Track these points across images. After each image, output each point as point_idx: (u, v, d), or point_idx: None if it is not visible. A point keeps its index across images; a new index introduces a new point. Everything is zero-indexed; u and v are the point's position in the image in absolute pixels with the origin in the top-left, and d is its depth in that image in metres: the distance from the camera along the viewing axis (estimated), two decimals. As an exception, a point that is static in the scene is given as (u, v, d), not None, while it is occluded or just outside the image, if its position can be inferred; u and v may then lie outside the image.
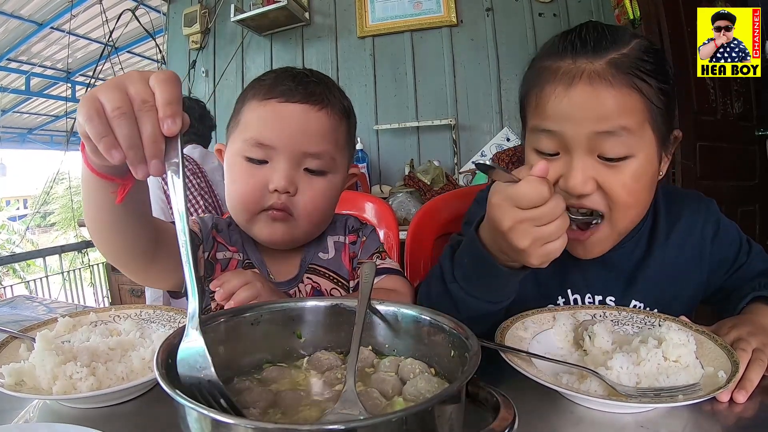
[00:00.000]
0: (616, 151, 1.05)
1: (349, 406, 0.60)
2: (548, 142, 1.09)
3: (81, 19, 6.37)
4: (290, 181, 1.21)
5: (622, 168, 1.06)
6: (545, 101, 1.08)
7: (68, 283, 5.21)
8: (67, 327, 1.09)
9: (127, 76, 0.71)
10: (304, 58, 4.52)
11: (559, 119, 1.06)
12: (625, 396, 0.80)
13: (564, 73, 1.06)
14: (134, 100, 0.69)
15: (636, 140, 1.05)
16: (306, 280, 1.36)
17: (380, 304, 0.81)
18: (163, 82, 0.70)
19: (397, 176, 4.23)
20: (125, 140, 0.69)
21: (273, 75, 1.29)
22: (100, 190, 0.89)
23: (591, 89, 1.03)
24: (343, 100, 1.33)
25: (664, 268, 1.26)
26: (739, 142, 3.76)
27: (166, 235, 1.09)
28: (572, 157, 1.06)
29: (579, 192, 1.05)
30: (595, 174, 1.05)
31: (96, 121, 0.68)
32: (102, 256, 1.07)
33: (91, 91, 0.71)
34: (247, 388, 0.71)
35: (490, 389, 0.59)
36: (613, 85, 1.03)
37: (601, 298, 1.26)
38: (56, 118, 10.36)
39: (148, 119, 0.69)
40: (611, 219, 1.10)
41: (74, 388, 0.84)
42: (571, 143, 1.05)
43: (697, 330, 0.96)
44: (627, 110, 1.04)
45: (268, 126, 1.22)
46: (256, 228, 1.27)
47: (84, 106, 0.69)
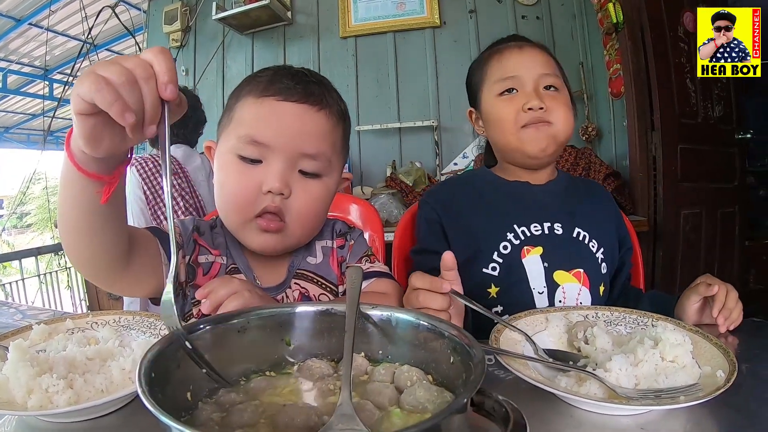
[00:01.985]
0: (554, 83, 1.52)
1: (346, 421, 0.57)
2: (509, 83, 1.51)
3: (60, 15, 6.27)
4: (285, 183, 1.17)
5: (558, 96, 1.51)
6: (506, 58, 1.55)
7: (45, 285, 5.13)
8: (43, 335, 1.04)
9: (117, 57, 0.75)
10: (286, 58, 4.48)
11: (517, 66, 1.52)
12: (625, 398, 0.79)
13: (515, 45, 1.57)
14: (134, 70, 0.71)
15: (562, 85, 1.54)
16: (294, 285, 1.32)
17: (372, 309, 0.79)
18: (159, 53, 0.74)
19: (378, 177, 4.21)
20: (135, 104, 0.71)
21: (270, 72, 1.25)
22: (83, 189, 0.86)
23: (533, 50, 1.55)
24: (340, 103, 1.30)
25: (593, 206, 1.61)
26: (719, 145, 3.81)
27: (140, 241, 1.06)
28: (528, 90, 1.50)
29: (538, 106, 1.46)
30: (544, 98, 1.48)
31: (106, 90, 0.69)
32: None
33: (89, 69, 0.71)
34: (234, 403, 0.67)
35: (497, 398, 0.58)
36: (545, 51, 1.57)
37: (549, 225, 1.51)
38: (33, 117, 10.18)
39: (150, 87, 0.72)
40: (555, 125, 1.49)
41: (51, 402, 0.80)
42: (527, 80, 1.50)
43: (690, 330, 0.97)
44: (552, 65, 1.55)
45: (264, 123, 1.18)
46: (246, 236, 1.23)
47: (88, 79, 0.69)
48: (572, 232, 1.50)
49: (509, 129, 1.50)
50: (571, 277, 1.44)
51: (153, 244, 1.13)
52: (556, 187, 1.60)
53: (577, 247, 1.49)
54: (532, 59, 1.53)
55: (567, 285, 1.43)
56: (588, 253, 1.49)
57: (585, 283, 1.44)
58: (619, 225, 1.64)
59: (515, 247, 1.47)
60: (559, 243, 1.48)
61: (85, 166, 0.81)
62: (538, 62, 1.52)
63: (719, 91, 3.82)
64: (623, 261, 1.61)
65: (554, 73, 1.53)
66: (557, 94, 1.51)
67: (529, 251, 1.45)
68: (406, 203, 3.55)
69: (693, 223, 3.54)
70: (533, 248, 1.46)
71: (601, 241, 1.51)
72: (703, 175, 3.59)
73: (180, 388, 0.66)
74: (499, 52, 1.58)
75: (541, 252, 1.45)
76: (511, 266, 1.45)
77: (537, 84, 1.49)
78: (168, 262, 1.13)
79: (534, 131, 1.48)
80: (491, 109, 1.56)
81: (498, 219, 1.52)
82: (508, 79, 1.51)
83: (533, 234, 1.48)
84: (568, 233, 1.50)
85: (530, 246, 1.46)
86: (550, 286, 1.43)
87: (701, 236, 3.62)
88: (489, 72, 1.58)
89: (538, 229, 1.49)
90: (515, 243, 1.47)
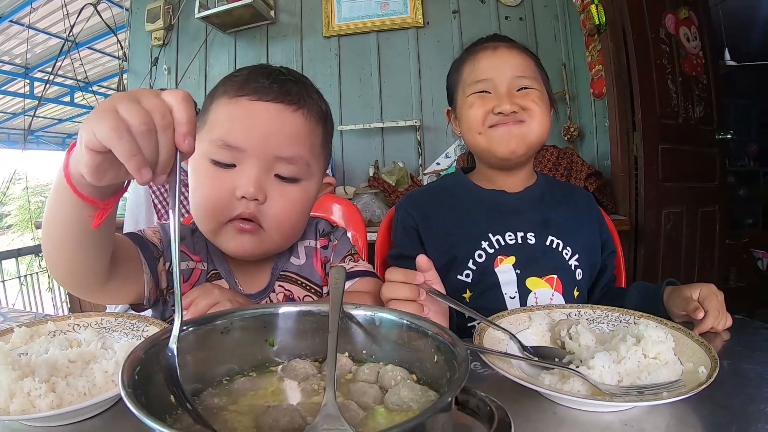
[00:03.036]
0: (530, 84, 1.50)
1: (331, 421, 0.57)
2: (482, 86, 1.51)
3: (41, 12, 6.20)
4: (259, 188, 1.11)
5: (532, 93, 1.49)
6: (480, 60, 1.54)
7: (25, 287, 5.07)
8: (24, 338, 1.02)
9: (136, 90, 0.70)
10: (269, 57, 4.45)
11: (490, 69, 1.51)
12: (609, 395, 0.80)
13: (490, 46, 1.55)
14: (153, 114, 0.68)
15: (540, 85, 1.53)
16: (278, 288, 1.29)
17: (355, 309, 0.79)
18: (183, 101, 0.70)
19: (361, 177, 4.19)
20: (150, 157, 0.68)
21: (246, 71, 1.20)
22: (76, 210, 0.84)
23: (509, 52, 1.53)
24: (320, 103, 1.25)
25: (568, 215, 1.58)
26: (700, 145, 3.85)
27: (122, 249, 1.04)
28: (500, 93, 1.49)
29: (509, 111, 1.44)
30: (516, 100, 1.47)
31: (127, 139, 0.66)
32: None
33: (107, 104, 0.68)
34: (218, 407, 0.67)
35: (481, 396, 0.58)
36: (522, 52, 1.55)
37: (522, 234, 1.51)
38: (14, 116, 10.05)
39: (167, 137, 0.69)
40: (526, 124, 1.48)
41: (33, 405, 0.78)
42: (499, 83, 1.49)
43: (672, 326, 0.98)
44: (531, 68, 1.53)
45: (237, 126, 1.12)
46: (221, 239, 1.18)
47: (108, 120, 0.66)
48: (545, 240, 1.51)
49: (477, 129, 1.51)
50: (543, 282, 1.46)
51: (134, 253, 1.11)
52: (531, 195, 1.60)
53: (550, 255, 1.50)
54: (506, 62, 1.52)
55: (539, 290, 1.45)
56: (561, 261, 1.50)
57: (558, 289, 1.46)
58: (601, 229, 1.65)
59: (489, 255, 1.48)
60: (531, 252, 1.49)
61: (82, 190, 0.79)
62: (512, 64, 1.51)
63: (700, 92, 3.86)
64: (605, 264, 1.62)
65: (530, 76, 1.52)
66: (532, 92, 1.50)
67: (502, 260, 1.47)
68: (388, 203, 3.54)
69: (674, 222, 3.58)
70: (506, 258, 1.48)
71: (576, 247, 1.52)
72: (683, 174, 3.63)
73: (164, 391, 0.64)
74: (474, 54, 1.58)
75: (514, 261, 1.47)
76: (484, 274, 1.47)
77: (510, 87, 1.49)
78: (149, 271, 1.13)
79: (503, 131, 1.48)
80: (463, 108, 1.55)
81: (473, 228, 1.52)
82: (481, 81, 1.51)
83: (507, 243, 1.49)
84: (541, 242, 1.50)
85: (503, 255, 1.48)
86: (522, 291, 1.45)
87: (682, 235, 3.65)
88: (464, 73, 1.58)
89: (512, 238, 1.50)
90: (489, 252, 1.48)
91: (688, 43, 3.82)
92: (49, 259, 0.95)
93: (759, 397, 0.83)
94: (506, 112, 1.45)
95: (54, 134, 12.66)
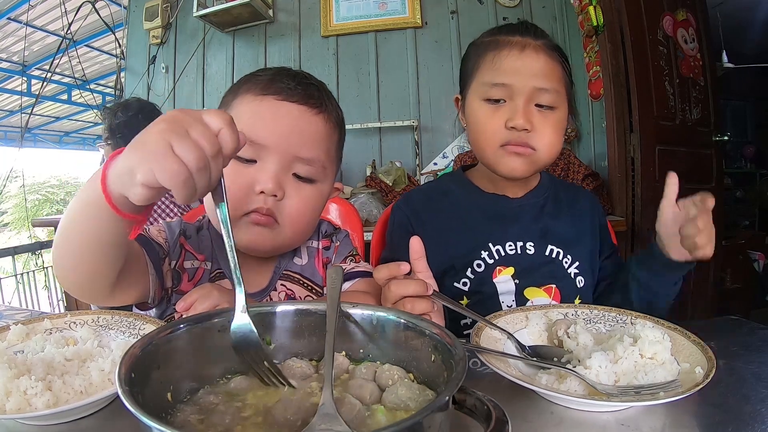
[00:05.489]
0: (549, 101, 1.38)
1: (328, 421, 0.57)
2: (499, 92, 1.39)
3: (39, 10, 6.19)
4: (278, 184, 1.14)
5: (550, 116, 1.39)
6: (502, 60, 1.39)
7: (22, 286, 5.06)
8: (20, 336, 1.02)
9: (180, 117, 0.71)
10: (267, 57, 4.45)
11: (512, 74, 1.37)
12: (606, 395, 0.80)
13: (516, 43, 1.40)
14: (203, 144, 0.69)
15: (560, 100, 1.41)
16: (279, 287, 1.30)
17: (353, 308, 0.79)
18: (229, 125, 0.72)
19: (358, 177, 4.20)
20: (202, 190, 0.71)
21: (270, 72, 1.23)
22: (113, 226, 0.85)
23: (536, 55, 1.38)
24: (338, 109, 1.28)
25: (568, 223, 1.53)
26: (696, 147, 3.86)
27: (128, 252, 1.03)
28: (517, 104, 1.37)
29: (522, 127, 1.35)
30: (532, 117, 1.37)
31: (190, 185, 0.69)
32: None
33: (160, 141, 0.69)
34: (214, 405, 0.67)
35: (478, 396, 0.58)
36: (549, 57, 1.40)
37: (521, 244, 1.46)
38: (11, 113, 10.05)
39: (217, 164, 0.71)
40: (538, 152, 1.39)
41: (29, 404, 0.78)
42: (518, 93, 1.37)
43: (669, 327, 0.98)
44: (556, 77, 1.41)
45: (262, 123, 1.15)
46: (237, 233, 1.16)
47: (168, 163, 0.68)
48: (545, 250, 1.47)
49: (487, 143, 1.41)
50: (541, 292, 1.44)
51: (139, 255, 1.11)
52: (534, 201, 1.54)
53: (549, 265, 1.46)
54: (530, 68, 1.38)
55: (537, 299, 1.42)
56: (561, 271, 1.46)
57: (556, 298, 1.44)
58: (603, 233, 1.61)
59: (488, 266, 1.45)
60: (530, 262, 1.45)
61: (122, 208, 0.80)
62: (537, 72, 1.38)
63: (697, 93, 3.88)
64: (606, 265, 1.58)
65: (553, 88, 1.38)
66: (549, 114, 1.39)
67: (501, 271, 1.44)
68: (385, 203, 3.55)
69: (670, 223, 3.56)
70: (505, 268, 1.44)
71: (577, 255, 1.49)
72: (680, 176, 3.57)
73: (160, 389, 0.65)
74: (498, 49, 1.42)
75: (513, 272, 1.44)
76: (482, 284, 1.44)
77: (529, 99, 1.37)
78: (155, 272, 1.13)
79: (514, 157, 1.39)
80: (474, 112, 1.45)
81: (473, 237, 1.48)
82: (499, 86, 1.39)
83: (507, 253, 1.45)
84: (540, 252, 1.46)
85: (502, 266, 1.44)
86: (520, 300, 1.43)
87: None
88: (482, 68, 1.45)
89: (512, 248, 1.46)
90: (489, 262, 1.45)
91: (685, 44, 3.83)
92: (65, 269, 0.95)
93: (755, 398, 0.83)
94: (519, 128, 1.35)
95: (51, 132, 12.66)
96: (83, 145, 14.00)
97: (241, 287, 0.73)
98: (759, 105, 7.71)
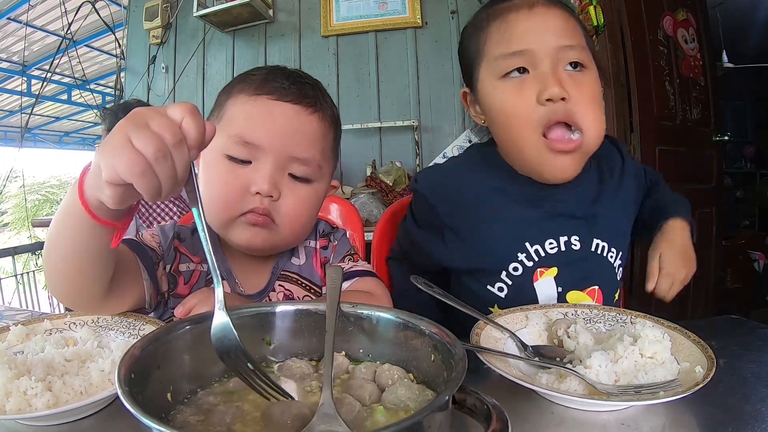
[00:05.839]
0: (579, 58, 1.18)
1: (328, 421, 0.57)
2: (517, 61, 1.18)
3: (39, 10, 6.20)
4: (274, 185, 1.13)
5: (583, 79, 1.18)
6: (511, 25, 1.20)
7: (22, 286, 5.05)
8: (20, 336, 1.01)
9: (142, 111, 0.71)
10: (267, 57, 4.45)
11: (528, 36, 1.18)
12: (606, 394, 0.80)
13: (522, 3, 1.21)
14: (164, 135, 0.68)
15: (589, 60, 1.21)
16: (278, 287, 1.29)
17: (353, 308, 0.78)
18: (191, 112, 0.70)
19: (358, 177, 4.19)
20: (166, 181, 0.69)
21: (264, 71, 1.21)
22: (95, 235, 0.85)
23: (549, 11, 1.19)
24: (333, 108, 1.27)
25: (612, 205, 1.35)
26: (697, 147, 3.86)
27: (120, 259, 1.03)
28: (543, 71, 1.16)
29: (559, 96, 1.13)
30: (565, 84, 1.15)
31: (149, 176, 0.67)
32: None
33: (119, 135, 0.68)
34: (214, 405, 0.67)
35: (478, 395, 0.58)
36: (564, 10, 1.21)
37: (566, 239, 1.28)
38: (11, 114, 10.06)
39: (182, 151, 0.69)
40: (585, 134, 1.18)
41: (29, 405, 0.78)
42: (541, 57, 1.16)
43: (669, 326, 0.98)
44: (576, 31, 1.21)
45: (256, 123, 1.14)
46: (233, 233, 1.17)
47: (125, 155, 0.67)
48: (590, 245, 1.29)
49: (523, 128, 1.19)
50: (584, 296, 1.29)
51: (132, 261, 1.11)
52: (579, 184, 1.29)
53: (595, 262, 1.30)
54: (547, 25, 1.18)
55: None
56: (606, 267, 1.32)
57: (599, 300, 1.30)
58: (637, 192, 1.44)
59: (527, 269, 1.27)
60: (575, 261, 1.28)
61: (100, 214, 0.80)
62: (556, 28, 1.18)
63: (697, 93, 3.88)
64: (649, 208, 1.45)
65: (579, 44, 1.19)
66: (582, 77, 1.18)
67: (542, 273, 1.28)
68: (386, 203, 3.54)
69: (671, 223, 3.57)
70: (547, 270, 1.28)
71: (619, 243, 1.33)
72: (680, 176, 3.63)
73: (160, 389, 0.65)
74: (502, 15, 1.23)
75: (556, 273, 1.27)
76: (522, 290, 1.28)
77: (556, 60, 1.16)
78: (149, 278, 1.13)
79: (560, 157, 1.18)
80: (493, 97, 1.24)
81: (507, 235, 1.28)
82: (516, 54, 1.18)
83: (548, 253, 1.27)
84: (586, 247, 1.29)
85: (544, 268, 1.28)
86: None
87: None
88: (489, 42, 1.25)
89: (553, 247, 1.27)
90: (527, 265, 1.27)
91: (686, 45, 3.83)
92: (54, 279, 0.95)
93: (755, 397, 0.83)
94: (556, 99, 1.13)
95: (51, 132, 12.66)
96: (83, 145, 14.00)
97: (220, 285, 0.71)
98: (759, 105, 7.70)
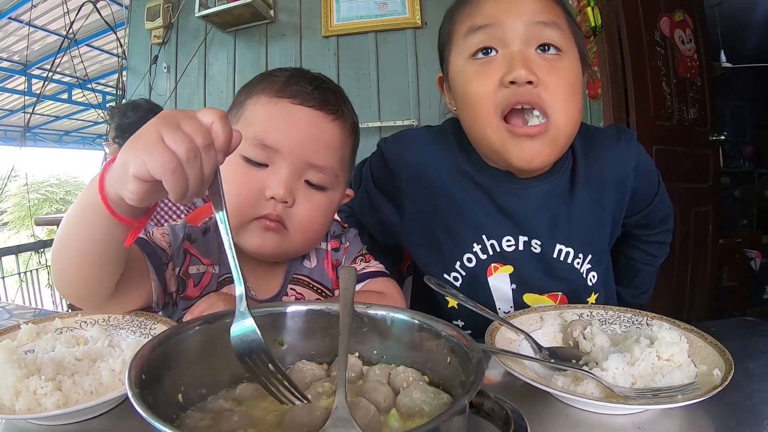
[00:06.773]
0: (552, 39, 1.06)
1: (342, 425, 0.55)
2: (484, 37, 1.08)
3: (40, 9, 6.19)
4: (289, 191, 1.09)
5: (557, 63, 1.07)
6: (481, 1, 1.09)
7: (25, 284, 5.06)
8: (31, 335, 0.99)
9: (173, 113, 0.73)
10: (268, 57, 4.45)
11: (496, 10, 1.07)
12: (623, 397, 0.78)
13: None
14: (195, 137, 0.70)
15: (567, 42, 1.08)
16: (290, 291, 1.26)
17: (367, 309, 0.77)
18: (221, 119, 0.72)
19: (359, 177, 4.17)
20: (194, 182, 0.71)
21: (287, 73, 1.17)
22: (110, 232, 0.84)
23: None
24: (354, 116, 1.24)
25: (586, 208, 1.24)
26: (693, 146, 3.87)
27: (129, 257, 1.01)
28: (512, 50, 1.06)
29: (524, 79, 1.03)
30: (533, 66, 1.04)
31: (179, 173, 0.69)
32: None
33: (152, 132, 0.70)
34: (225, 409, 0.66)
35: (496, 399, 0.57)
36: None
37: (526, 239, 1.22)
38: (12, 113, 10.04)
39: (210, 156, 0.71)
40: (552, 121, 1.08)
41: (39, 404, 0.77)
42: (510, 35, 1.06)
43: (686, 328, 0.96)
44: (553, 9, 1.09)
45: (276, 126, 1.10)
46: (245, 237, 1.13)
47: (159, 153, 0.69)
48: (552, 250, 1.23)
49: (486, 118, 1.10)
50: (544, 299, 1.25)
51: (140, 260, 1.09)
52: (549, 183, 1.23)
53: (558, 268, 1.24)
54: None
55: (539, 306, 1.16)
56: (572, 273, 1.25)
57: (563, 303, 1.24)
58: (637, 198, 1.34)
59: (481, 262, 1.25)
60: (534, 263, 1.23)
61: (119, 211, 0.80)
62: (527, 3, 1.08)
63: (694, 93, 3.89)
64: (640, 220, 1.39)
65: (553, 21, 1.07)
66: (556, 60, 1.07)
67: (497, 269, 1.25)
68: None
69: (667, 222, 3.59)
70: (501, 266, 1.24)
71: (588, 250, 1.25)
72: (677, 175, 3.64)
73: (171, 391, 0.64)
74: None
75: (511, 271, 1.24)
76: (475, 282, 1.26)
77: (527, 38, 1.06)
78: (157, 278, 1.11)
79: (526, 142, 1.09)
80: (460, 79, 1.15)
81: (464, 224, 1.25)
82: (483, 29, 1.08)
83: (504, 250, 1.23)
84: (547, 252, 1.23)
85: (498, 263, 1.24)
86: (519, 307, 1.24)
87: (675, 235, 3.65)
88: (458, 21, 1.16)
89: (511, 245, 1.23)
90: (481, 257, 1.25)
91: (682, 45, 3.84)
92: (63, 275, 0.94)
93: (772, 400, 0.82)
94: (521, 81, 1.03)
95: (52, 131, 12.64)
96: (83, 144, 13.99)
97: (242, 286, 0.71)
98: (757, 105, 7.72)
